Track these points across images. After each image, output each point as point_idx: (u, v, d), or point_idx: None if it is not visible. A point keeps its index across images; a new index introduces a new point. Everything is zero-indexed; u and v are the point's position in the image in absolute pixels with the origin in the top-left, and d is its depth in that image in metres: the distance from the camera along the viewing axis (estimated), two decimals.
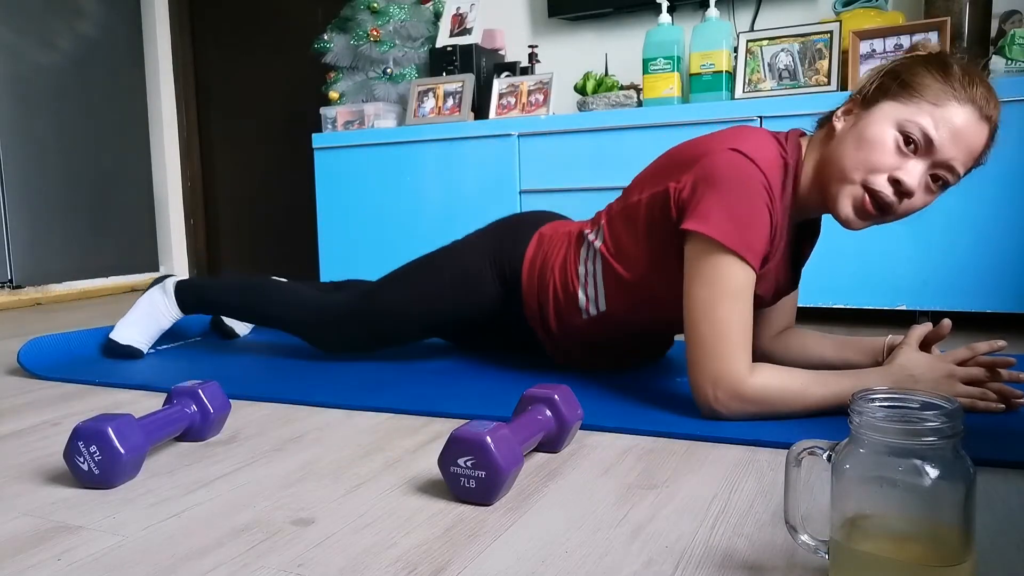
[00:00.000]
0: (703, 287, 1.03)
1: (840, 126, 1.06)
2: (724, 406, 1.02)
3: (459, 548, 0.70)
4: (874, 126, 1.01)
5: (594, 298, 1.24)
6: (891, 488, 0.53)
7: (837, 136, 1.05)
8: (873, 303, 1.87)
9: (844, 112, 1.06)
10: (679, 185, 1.09)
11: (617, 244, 1.21)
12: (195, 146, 3.54)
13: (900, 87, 1.01)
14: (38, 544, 0.74)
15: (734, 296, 1.01)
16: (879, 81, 1.03)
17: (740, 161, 1.03)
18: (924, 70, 1.00)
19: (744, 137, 1.07)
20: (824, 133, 1.09)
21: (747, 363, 1.01)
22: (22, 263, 2.94)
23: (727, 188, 1.02)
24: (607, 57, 2.57)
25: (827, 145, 1.07)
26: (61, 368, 1.53)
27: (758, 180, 1.02)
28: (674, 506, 0.79)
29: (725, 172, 1.03)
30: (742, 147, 1.04)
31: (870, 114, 1.02)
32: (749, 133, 1.08)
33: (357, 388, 1.31)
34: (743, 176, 1.02)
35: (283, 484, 0.88)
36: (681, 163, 1.11)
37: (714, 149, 1.06)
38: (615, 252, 1.21)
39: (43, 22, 3.01)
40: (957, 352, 1.05)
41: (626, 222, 1.19)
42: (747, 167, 1.03)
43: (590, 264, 1.24)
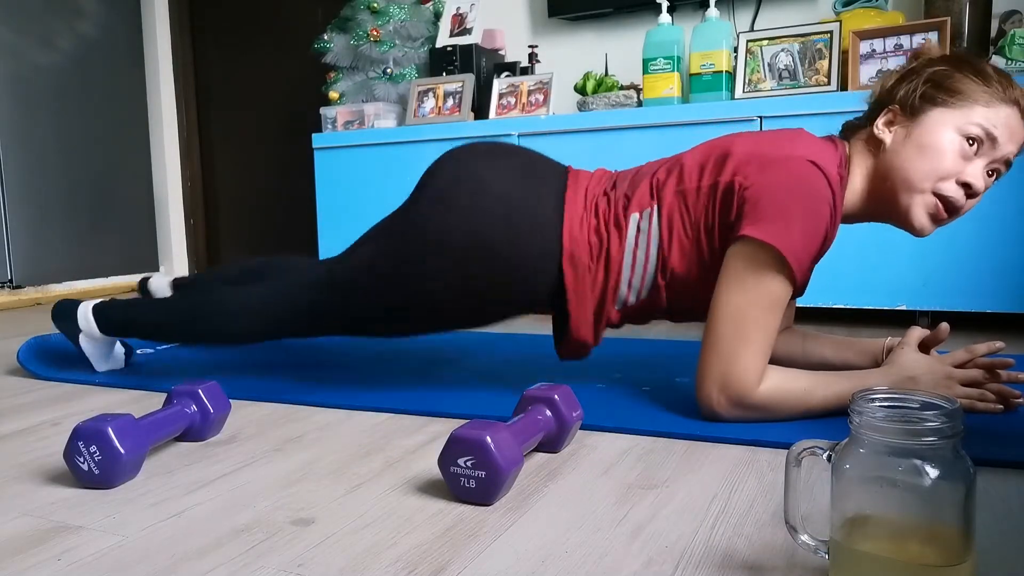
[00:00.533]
0: (743, 292, 1.01)
1: (889, 138, 1.05)
2: (726, 410, 1.02)
3: (459, 548, 0.70)
4: (933, 134, 1.02)
5: (637, 287, 1.14)
6: (891, 488, 0.53)
7: (889, 148, 1.05)
8: (873, 303, 1.87)
9: (886, 123, 1.06)
10: (746, 182, 1.03)
11: (671, 229, 1.10)
12: (195, 146, 3.54)
13: (947, 94, 1.02)
14: (38, 544, 0.74)
15: (770, 309, 1.00)
16: (922, 90, 1.03)
17: (816, 176, 1.01)
18: (964, 75, 1.02)
19: (817, 148, 1.05)
20: (863, 144, 1.09)
21: (760, 374, 1.00)
22: (22, 263, 2.94)
23: (798, 201, 1.00)
24: (607, 57, 2.57)
25: (877, 157, 1.07)
26: (61, 368, 1.53)
27: (827, 198, 1.01)
28: (674, 506, 0.79)
29: (803, 187, 1.00)
30: (818, 160, 1.02)
31: (922, 123, 1.03)
32: (818, 145, 1.06)
33: (357, 388, 1.31)
34: (816, 193, 1.00)
35: (283, 484, 0.88)
36: (750, 158, 1.05)
37: (790, 155, 1.03)
38: (669, 238, 1.10)
39: (43, 22, 3.01)
40: (956, 354, 1.05)
41: (683, 207, 1.10)
42: (821, 184, 1.00)
43: (640, 252, 1.12)
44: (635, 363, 1.46)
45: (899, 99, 1.06)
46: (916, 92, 1.04)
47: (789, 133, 1.09)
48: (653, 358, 1.50)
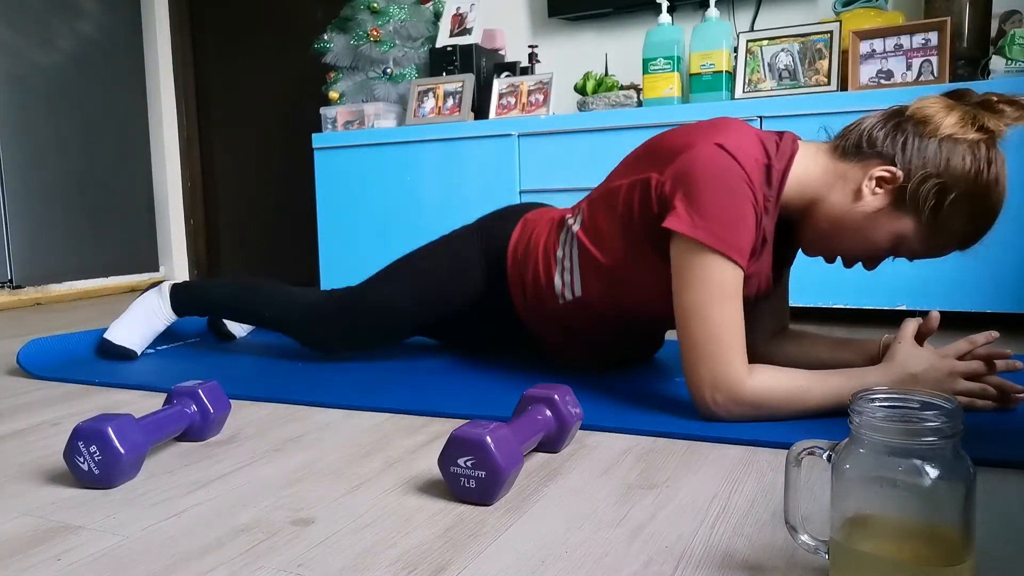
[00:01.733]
0: (692, 290, 1.01)
1: (868, 200, 1.03)
2: (724, 409, 1.02)
3: (459, 548, 0.70)
4: (882, 231, 1.04)
5: (570, 283, 1.23)
6: (891, 488, 0.53)
7: (863, 208, 1.03)
8: (873, 303, 1.87)
9: (878, 184, 1.02)
10: (661, 177, 1.07)
11: (595, 228, 1.19)
12: (195, 146, 3.54)
13: (932, 214, 1.01)
14: (38, 544, 0.74)
15: (724, 297, 1.00)
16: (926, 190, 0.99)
17: (722, 157, 1.01)
18: (965, 217, 1.01)
19: (728, 131, 1.05)
20: (847, 175, 1.05)
21: (744, 364, 1.01)
22: (22, 263, 2.94)
23: (709, 185, 1.01)
24: (607, 57, 2.57)
25: (841, 197, 1.05)
26: (61, 368, 1.53)
27: (740, 176, 1.01)
28: (674, 506, 0.79)
29: (706, 168, 1.01)
30: (725, 142, 1.02)
31: (886, 217, 1.03)
32: (733, 127, 1.06)
33: (357, 388, 1.31)
34: (725, 173, 1.01)
35: (283, 484, 0.88)
36: (665, 153, 1.09)
37: (697, 142, 1.04)
38: (592, 236, 1.19)
39: (43, 22, 3.01)
40: (957, 346, 1.05)
41: (606, 206, 1.18)
42: (728, 163, 1.01)
43: (567, 248, 1.23)
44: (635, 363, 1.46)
45: (908, 189, 1.00)
46: (925, 196, 1.00)
47: (716, 122, 1.09)
48: (654, 357, 1.50)
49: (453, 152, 2.35)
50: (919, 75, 1.88)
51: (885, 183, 1.02)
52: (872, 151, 1.03)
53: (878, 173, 1.02)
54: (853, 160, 1.05)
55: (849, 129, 1.08)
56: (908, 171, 1.00)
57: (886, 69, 1.92)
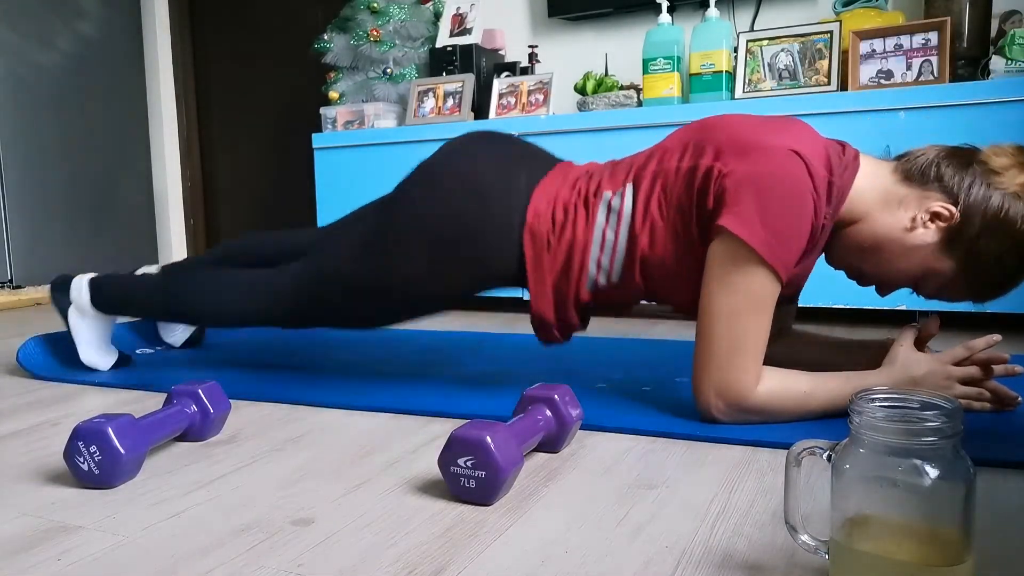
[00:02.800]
0: (728, 294, 0.99)
1: (920, 232, 1.02)
2: (725, 415, 1.01)
3: (459, 548, 0.70)
4: (919, 263, 1.03)
5: (607, 268, 1.12)
6: (891, 488, 0.53)
7: (911, 239, 1.02)
8: (873, 303, 1.87)
9: (932, 218, 1.01)
10: (725, 169, 1.00)
11: (647, 209, 1.08)
12: (195, 146, 3.54)
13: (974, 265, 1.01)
14: (38, 544, 0.74)
15: (758, 309, 0.98)
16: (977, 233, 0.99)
17: (797, 168, 0.97)
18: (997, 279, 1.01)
19: (802, 138, 1.01)
20: (905, 202, 1.03)
21: (756, 376, 1.00)
22: (22, 263, 2.94)
23: (777, 194, 0.96)
24: (607, 57, 2.57)
25: (894, 223, 1.03)
26: (61, 368, 1.53)
27: (809, 192, 0.97)
28: (674, 506, 0.79)
29: (779, 176, 0.97)
30: (802, 151, 0.98)
31: (931, 252, 1.02)
32: (806, 135, 1.02)
33: (357, 388, 1.31)
34: (796, 185, 0.97)
35: (283, 484, 0.88)
36: (732, 144, 1.02)
37: (770, 143, 0.99)
38: (643, 220, 1.09)
39: (43, 22, 3.01)
40: (955, 351, 1.05)
41: (660, 189, 1.08)
42: (802, 176, 0.97)
43: (610, 232, 1.11)
44: (635, 363, 1.46)
45: (962, 233, 0.99)
46: (973, 248, 0.99)
47: (778, 121, 1.05)
48: (653, 358, 1.50)
49: None
50: (919, 75, 1.88)
51: (940, 219, 1.00)
52: (937, 184, 1.01)
53: (936, 208, 1.00)
54: (915, 186, 1.03)
55: (916, 154, 1.05)
56: (966, 214, 0.99)
57: (886, 69, 1.92)
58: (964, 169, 1.00)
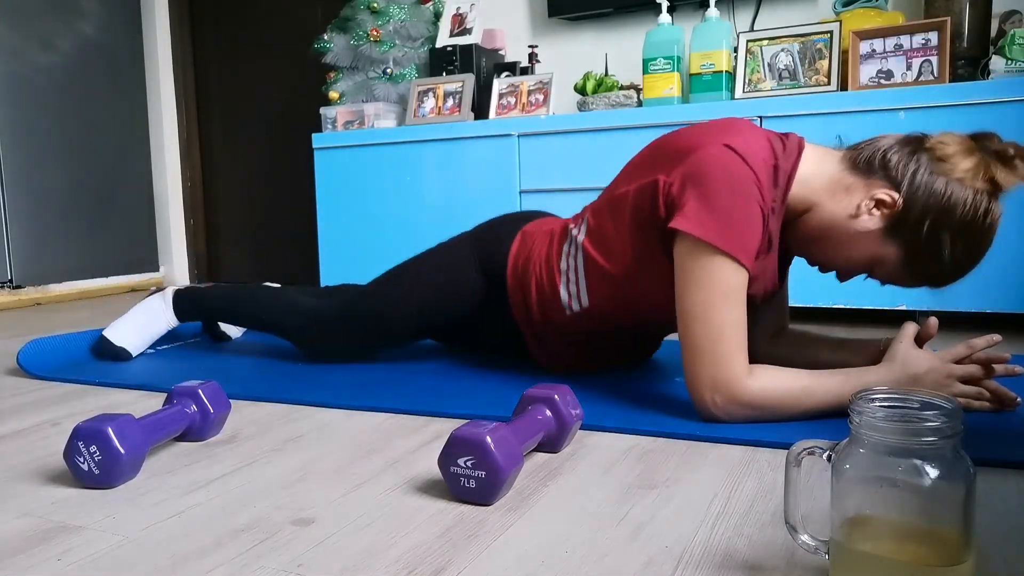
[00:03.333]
0: (696, 290, 1.01)
1: (863, 220, 1.03)
2: (723, 411, 1.02)
3: (459, 548, 0.70)
4: (864, 250, 1.05)
5: (576, 294, 1.22)
6: (891, 488, 0.53)
7: (855, 226, 1.04)
8: (873, 303, 1.87)
9: (876, 205, 1.02)
10: (668, 179, 1.06)
11: (601, 237, 1.18)
12: (195, 146, 3.54)
13: (916, 250, 1.02)
14: (38, 544, 0.74)
15: (728, 298, 1.00)
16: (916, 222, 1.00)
17: (731, 158, 1.01)
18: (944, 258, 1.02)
19: (736, 132, 1.05)
20: (851, 189, 1.05)
21: (744, 366, 1.00)
22: (22, 263, 2.94)
23: (717, 186, 1.01)
24: (607, 57, 2.57)
25: (839, 209, 1.05)
26: (61, 368, 1.53)
27: (749, 178, 1.01)
28: (674, 506, 0.79)
29: (715, 170, 1.01)
30: (733, 143, 1.02)
31: (875, 238, 1.04)
32: (741, 128, 1.06)
33: (357, 388, 1.31)
34: (734, 174, 1.01)
35: (283, 484, 0.88)
36: (671, 155, 1.09)
37: (705, 143, 1.04)
38: (598, 245, 1.18)
39: (43, 22, 3.01)
40: (956, 350, 1.05)
41: (612, 214, 1.17)
42: (738, 165, 1.01)
43: (571, 259, 1.22)
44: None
45: (904, 219, 1.01)
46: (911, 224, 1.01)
47: (718, 123, 1.09)
48: (653, 358, 1.50)
49: (453, 152, 2.35)
50: (919, 75, 1.88)
51: (883, 207, 1.02)
52: (882, 172, 1.03)
53: (879, 195, 1.02)
54: (861, 175, 1.05)
55: (865, 143, 1.08)
56: (908, 201, 1.01)
57: (886, 69, 1.92)
58: (910, 157, 1.02)
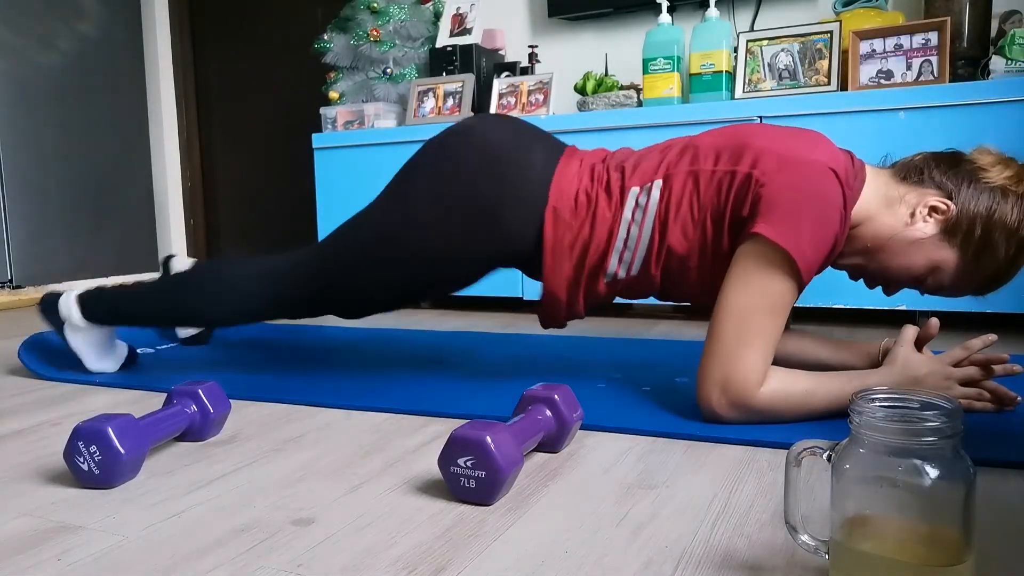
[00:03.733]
0: (749, 294, 1.00)
1: (920, 227, 1.05)
2: (726, 412, 1.02)
3: (459, 548, 0.70)
4: (923, 257, 1.06)
5: (628, 262, 1.14)
6: (891, 488, 0.53)
7: (911, 233, 1.05)
8: (873, 303, 1.87)
9: (931, 212, 1.05)
10: (763, 178, 1.03)
11: (678, 209, 1.10)
12: (195, 146, 3.54)
13: (975, 254, 1.04)
14: (38, 544, 0.74)
15: (776, 312, 1.00)
16: (971, 225, 1.03)
17: (832, 184, 1.01)
18: (997, 269, 1.04)
19: (835, 155, 1.05)
20: (902, 198, 1.06)
21: (762, 376, 1.00)
22: (22, 263, 2.94)
23: (812, 208, 1.00)
24: (607, 57, 2.57)
25: (894, 220, 1.07)
26: (61, 368, 1.53)
27: (839, 207, 1.01)
28: (674, 506, 0.79)
29: (820, 193, 1.00)
30: (837, 169, 1.02)
31: (932, 245, 1.05)
32: (834, 150, 1.06)
33: (357, 388, 1.31)
34: (830, 200, 1.00)
35: (283, 484, 0.88)
36: (770, 154, 1.05)
37: (810, 159, 1.03)
38: (673, 216, 1.10)
39: (43, 22, 3.01)
40: (954, 352, 1.06)
41: (693, 188, 1.09)
42: (836, 192, 1.01)
43: (635, 228, 1.12)
44: (635, 363, 1.46)
45: (959, 225, 1.03)
46: (964, 231, 1.03)
47: (809, 135, 1.09)
48: (653, 358, 1.51)
49: None
50: (919, 75, 1.88)
51: (937, 213, 1.04)
52: (931, 181, 1.06)
53: (933, 202, 1.04)
54: (911, 184, 1.07)
55: (908, 158, 1.11)
56: (962, 207, 1.03)
57: (886, 69, 1.92)
58: (955, 167, 1.06)
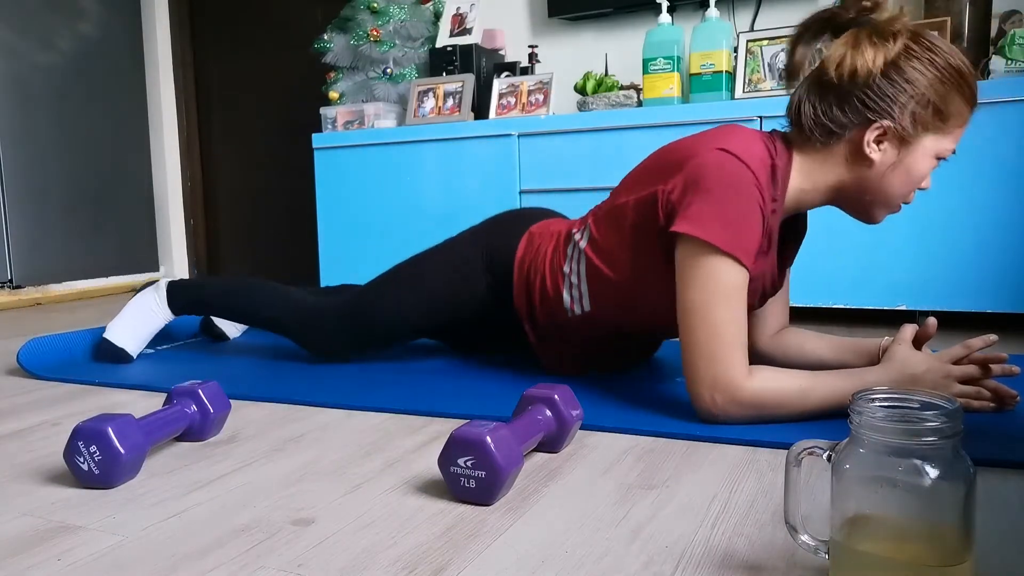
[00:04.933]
0: (696, 291, 1.02)
1: (878, 158, 1.04)
2: (723, 411, 1.02)
3: (459, 548, 0.70)
4: (920, 162, 1.05)
5: (578, 298, 1.23)
6: (891, 488, 0.53)
7: (876, 169, 1.05)
8: (873, 303, 1.87)
9: (877, 141, 1.04)
10: (667, 187, 1.08)
11: (603, 245, 1.19)
12: (195, 146, 3.54)
13: (938, 119, 1.02)
14: (38, 544, 0.74)
15: (728, 298, 1.01)
16: (916, 112, 1.01)
17: (729, 161, 1.03)
18: (960, 97, 1.02)
19: (731, 136, 1.06)
20: (841, 150, 1.06)
21: (744, 365, 1.01)
22: (22, 263, 2.94)
23: (717, 189, 1.02)
24: (607, 57, 2.57)
25: (859, 170, 1.06)
26: (61, 368, 1.53)
27: (748, 179, 1.02)
28: (674, 506, 0.79)
29: (714, 173, 1.03)
30: (730, 147, 1.04)
31: (913, 151, 1.04)
32: (735, 132, 1.08)
33: (357, 388, 1.31)
34: (733, 176, 1.02)
35: (283, 484, 0.88)
36: (669, 165, 1.10)
37: (701, 150, 1.06)
38: (600, 252, 1.20)
39: (43, 22, 3.01)
40: (953, 351, 1.05)
41: (612, 223, 1.18)
42: (736, 167, 1.02)
43: (575, 264, 1.23)
44: None
45: (893, 117, 1.02)
46: (911, 116, 1.01)
47: (718, 130, 1.10)
48: (653, 358, 1.50)
49: (453, 152, 2.35)
50: None
51: (884, 138, 1.04)
52: (843, 130, 1.05)
53: (872, 136, 1.03)
54: (837, 142, 1.06)
55: (797, 116, 1.09)
56: (891, 114, 1.02)
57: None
58: (844, 100, 1.03)
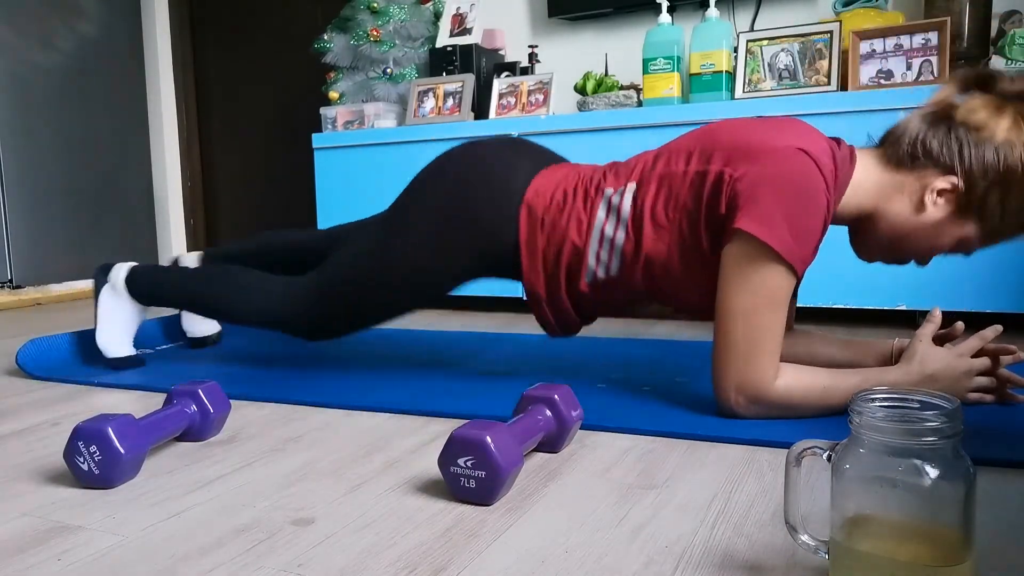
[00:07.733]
0: (747, 294, 1.00)
1: (932, 211, 1.03)
2: (745, 409, 1.02)
3: (459, 548, 0.70)
4: (949, 235, 1.04)
5: (606, 261, 1.14)
6: (891, 488, 0.53)
7: (921, 217, 1.03)
8: (873, 303, 1.87)
9: (939, 193, 1.02)
10: (735, 174, 1.02)
11: (652, 211, 1.10)
12: (195, 146, 3.54)
13: (996, 215, 1.01)
14: (38, 544, 0.74)
15: (775, 304, 1.00)
16: (990, 194, 1.00)
17: (808, 166, 0.99)
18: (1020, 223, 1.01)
19: (807, 136, 1.02)
20: (901, 182, 1.04)
21: (775, 370, 1.01)
22: (22, 263, 2.94)
23: (793, 194, 0.98)
24: (607, 57, 2.57)
25: (905, 210, 1.04)
26: (61, 368, 1.53)
27: (822, 190, 0.99)
28: (674, 506, 0.79)
29: (795, 177, 0.98)
30: (809, 148, 1.00)
31: (955, 224, 1.03)
32: (809, 132, 1.04)
33: (357, 388, 1.31)
34: (811, 184, 0.98)
35: (283, 484, 0.88)
36: (739, 148, 1.04)
37: (780, 146, 1.01)
38: (646, 218, 1.10)
39: (43, 22, 3.01)
40: (969, 343, 1.06)
41: (666, 190, 1.09)
42: (816, 176, 0.99)
43: (609, 228, 1.13)
44: (635, 363, 1.46)
45: (967, 183, 1.00)
46: (984, 198, 1.00)
47: (778, 121, 1.07)
48: (653, 358, 1.51)
49: None
50: (919, 75, 1.88)
51: (947, 194, 1.02)
52: (929, 161, 1.02)
53: (939, 185, 1.01)
54: (908, 171, 1.04)
55: (896, 135, 1.06)
56: (968, 180, 1.00)
57: (886, 69, 1.92)
58: (949, 137, 1.01)
